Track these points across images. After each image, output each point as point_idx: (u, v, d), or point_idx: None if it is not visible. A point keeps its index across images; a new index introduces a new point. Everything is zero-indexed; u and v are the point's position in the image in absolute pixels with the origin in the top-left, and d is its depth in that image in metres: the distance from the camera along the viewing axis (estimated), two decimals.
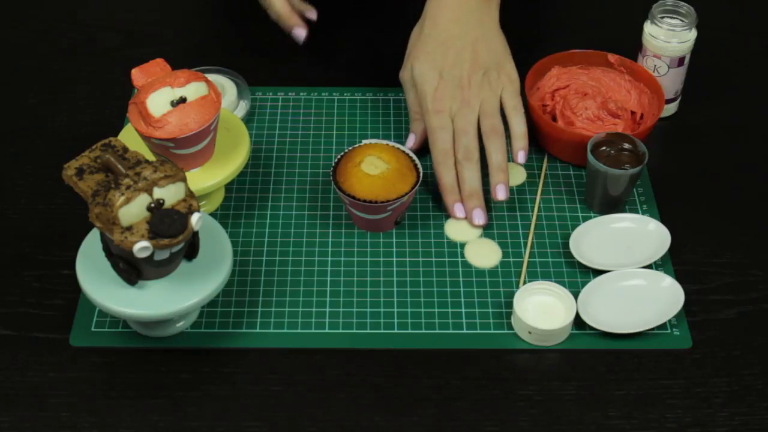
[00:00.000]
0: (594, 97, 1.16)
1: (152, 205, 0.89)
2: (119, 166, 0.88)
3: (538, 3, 1.39)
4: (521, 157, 1.09)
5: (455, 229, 1.08)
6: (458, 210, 1.08)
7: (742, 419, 0.94)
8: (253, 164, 1.16)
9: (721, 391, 0.96)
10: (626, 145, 1.09)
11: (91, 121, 1.21)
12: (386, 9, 1.20)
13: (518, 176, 1.14)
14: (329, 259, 1.06)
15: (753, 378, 0.97)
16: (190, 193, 0.91)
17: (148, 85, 0.99)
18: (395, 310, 1.02)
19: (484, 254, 1.06)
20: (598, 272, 1.05)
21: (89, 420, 0.93)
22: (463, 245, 1.07)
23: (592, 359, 0.98)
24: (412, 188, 1.05)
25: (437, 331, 1.00)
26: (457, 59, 1.10)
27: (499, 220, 1.10)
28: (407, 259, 1.06)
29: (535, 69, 1.19)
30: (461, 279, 1.05)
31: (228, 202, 1.12)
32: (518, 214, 1.11)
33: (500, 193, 1.07)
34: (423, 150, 1.17)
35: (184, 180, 0.90)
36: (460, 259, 1.06)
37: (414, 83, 1.12)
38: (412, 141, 1.14)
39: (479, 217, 1.07)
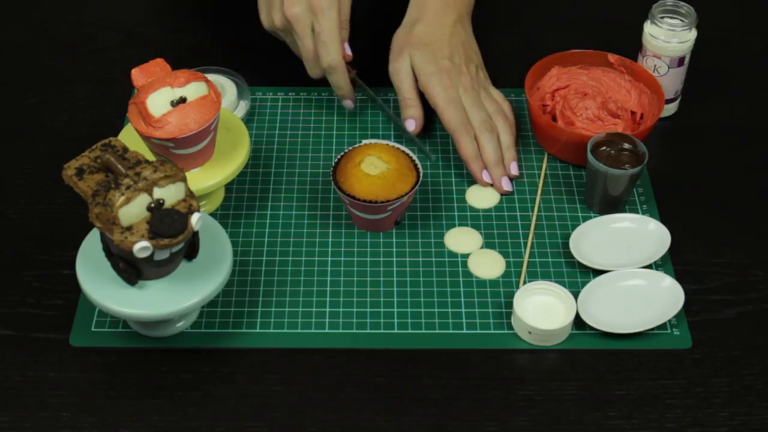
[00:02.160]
0: (594, 97, 1.16)
1: (152, 205, 0.89)
2: (119, 166, 0.88)
3: (539, 3, 1.39)
4: (514, 168, 1.14)
5: (455, 241, 1.08)
6: (486, 176, 1.13)
7: (742, 419, 0.94)
8: (253, 164, 1.16)
9: (721, 391, 0.96)
10: (626, 145, 1.09)
11: (91, 121, 1.21)
12: (386, 10, 1.20)
13: (491, 199, 1.14)
14: (329, 259, 1.06)
15: (753, 378, 0.97)
16: (190, 193, 0.91)
17: (148, 85, 0.99)
18: (395, 310, 1.02)
19: (489, 264, 1.06)
20: (598, 272, 1.05)
21: (89, 420, 0.93)
22: (465, 257, 1.07)
23: (592, 359, 0.98)
24: (412, 188, 1.05)
25: (437, 331, 1.00)
26: (454, 51, 1.16)
27: (499, 220, 1.10)
28: (407, 259, 1.06)
29: (535, 69, 1.18)
30: (461, 279, 1.04)
31: (228, 202, 1.12)
32: (518, 214, 1.11)
33: (513, 170, 1.14)
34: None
35: (184, 180, 0.90)
36: (460, 260, 1.06)
37: (416, 70, 1.16)
38: (413, 125, 1.15)
39: (507, 184, 1.13)
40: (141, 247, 0.87)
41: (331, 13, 1.11)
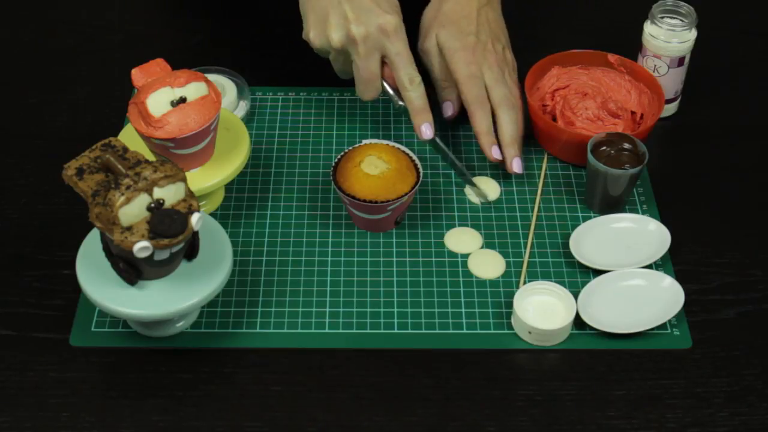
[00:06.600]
0: (594, 97, 1.16)
1: (152, 205, 0.89)
2: (119, 166, 0.88)
3: (538, 3, 1.39)
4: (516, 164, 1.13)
5: (455, 241, 1.08)
6: (495, 152, 1.11)
7: (742, 419, 0.94)
8: (253, 164, 1.16)
9: (721, 391, 0.96)
10: (626, 145, 1.09)
11: (91, 121, 1.21)
12: None
13: (494, 191, 1.14)
14: (329, 259, 1.06)
15: (753, 378, 0.97)
16: (190, 193, 0.91)
17: (148, 85, 0.99)
18: (395, 310, 1.02)
19: (489, 264, 1.06)
20: (598, 272, 1.05)
21: (89, 420, 0.93)
22: (465, 257, 1.07)
23: (592, 359, 0.98)
24: (412, 188, 1.05)
25: (437, 331, 1.00)
26: (481, 29, 1.16)
27: (498, 220, 1.10)
28: (407, 259, 1.06)
29: (535, 69, 1.19)
30: (461, 279, 1.04)
31: (228, 202, 1.12)
32: (518, 214, 1.11)
33: (515, 167, 1.12)
34: (423, 150, 1.17)
35: (184, 180, 0.90)
36: (460, 260, 1.06)
37: (441, 47, 1.15)
38: (450, 109, 1.15)
39: (518, 166, 1.11)
40: (141, 247, 0.87)
41: (403, 33, 1.09)
